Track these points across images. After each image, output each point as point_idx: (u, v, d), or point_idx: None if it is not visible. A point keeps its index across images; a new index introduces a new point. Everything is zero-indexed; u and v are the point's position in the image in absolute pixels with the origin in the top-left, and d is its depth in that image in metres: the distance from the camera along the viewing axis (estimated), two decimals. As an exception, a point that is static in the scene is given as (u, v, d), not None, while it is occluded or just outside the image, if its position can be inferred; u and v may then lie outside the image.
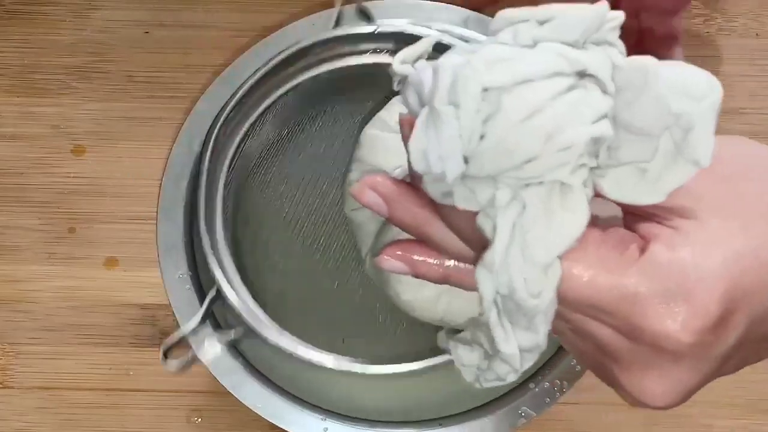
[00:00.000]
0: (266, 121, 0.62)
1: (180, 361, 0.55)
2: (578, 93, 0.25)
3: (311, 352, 0.54)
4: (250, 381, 0.57)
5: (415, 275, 0.31)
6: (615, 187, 0.27)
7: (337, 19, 0.61)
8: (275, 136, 0.64)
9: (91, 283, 0.66)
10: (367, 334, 0.61)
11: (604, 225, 0.28)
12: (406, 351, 0.57)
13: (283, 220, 0.63)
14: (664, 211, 0.27)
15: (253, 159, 0.63)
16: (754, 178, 0.28)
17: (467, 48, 0.26)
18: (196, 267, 0.58)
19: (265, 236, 0.63)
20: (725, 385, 0.63)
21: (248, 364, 0.58)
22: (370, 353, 0.58)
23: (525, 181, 0.25)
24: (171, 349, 0.56)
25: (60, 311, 0.65)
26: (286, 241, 0.63)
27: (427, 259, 0.31)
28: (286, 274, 0.62)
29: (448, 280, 0.31)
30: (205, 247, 0.55)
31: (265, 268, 0.62)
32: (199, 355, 0.56)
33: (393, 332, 0.61)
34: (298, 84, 0.61)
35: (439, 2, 0.62)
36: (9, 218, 0.67)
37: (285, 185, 0.64)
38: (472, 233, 0.27)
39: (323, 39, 0.59)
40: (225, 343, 0.57)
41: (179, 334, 0.55)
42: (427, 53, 0.30)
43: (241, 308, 0.55)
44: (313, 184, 0.63)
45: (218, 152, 0.59)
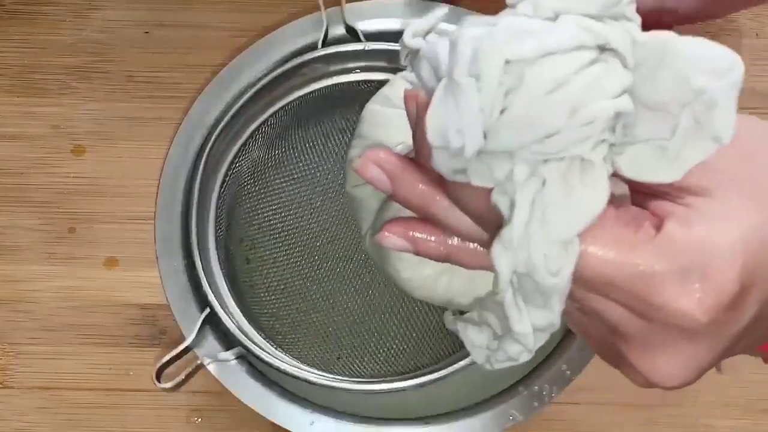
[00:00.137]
0: (257, 140, 0.62)
1: (174, 382, 0.56)
2: (600, 67, 0.24)
3: (305, 373, 0.55)
4: (250, 381, 0.57)
5: (416, 253, 0.30)
6: (632, 165, 0.26)
7: (324, 37, 0.61)
8: (265, 155, 0.64)
9: (91, 283, 0.65)
10: (362, 351, 0.61)
11: (617, 203, 0.28)
12: (403, 367, 0.58)
13: (275, 237, 0.64)
14: (675, 189, 0.27)
15: (244, 179, 0.63)
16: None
17: (486, 20, 0.25)
18: (195, 267, 0.58)
19: (258, 254, 0.63)
20: (725, 385, 0.64)
21: (248, 364, 0.58)
22: (366, 370, 0.59)
23: (545, 157, 0.25)
24: (165, 368, 0.56)
25: (60, 311, 0.65)
26: (279, 258, 0.63)
27: (429, 237, 0.30)
28: (279, 291, 0.63)
29: (449, 258, 0.30)
30: (199, 271, 0.56)
31: (258, 286, 0.63)
32: (200, 355, 0.56)
33: (388, 349, 0.61)
34: (289, 102, 0.61)
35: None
36: (9, 218, 0.67)
37: (277, 202, 0.64)
38: (486, 211, 0.27)
39: (313, 57, 0.60)
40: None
41: (172, 353, 0.56)
42: (437, 26, 0.30)
43: (235, 330, 0.55)
44: (307, 201, 0.64)
45: (208, 175, 0.59)
